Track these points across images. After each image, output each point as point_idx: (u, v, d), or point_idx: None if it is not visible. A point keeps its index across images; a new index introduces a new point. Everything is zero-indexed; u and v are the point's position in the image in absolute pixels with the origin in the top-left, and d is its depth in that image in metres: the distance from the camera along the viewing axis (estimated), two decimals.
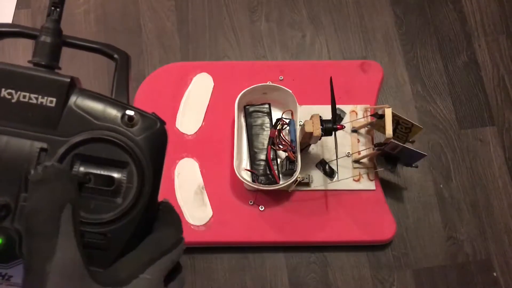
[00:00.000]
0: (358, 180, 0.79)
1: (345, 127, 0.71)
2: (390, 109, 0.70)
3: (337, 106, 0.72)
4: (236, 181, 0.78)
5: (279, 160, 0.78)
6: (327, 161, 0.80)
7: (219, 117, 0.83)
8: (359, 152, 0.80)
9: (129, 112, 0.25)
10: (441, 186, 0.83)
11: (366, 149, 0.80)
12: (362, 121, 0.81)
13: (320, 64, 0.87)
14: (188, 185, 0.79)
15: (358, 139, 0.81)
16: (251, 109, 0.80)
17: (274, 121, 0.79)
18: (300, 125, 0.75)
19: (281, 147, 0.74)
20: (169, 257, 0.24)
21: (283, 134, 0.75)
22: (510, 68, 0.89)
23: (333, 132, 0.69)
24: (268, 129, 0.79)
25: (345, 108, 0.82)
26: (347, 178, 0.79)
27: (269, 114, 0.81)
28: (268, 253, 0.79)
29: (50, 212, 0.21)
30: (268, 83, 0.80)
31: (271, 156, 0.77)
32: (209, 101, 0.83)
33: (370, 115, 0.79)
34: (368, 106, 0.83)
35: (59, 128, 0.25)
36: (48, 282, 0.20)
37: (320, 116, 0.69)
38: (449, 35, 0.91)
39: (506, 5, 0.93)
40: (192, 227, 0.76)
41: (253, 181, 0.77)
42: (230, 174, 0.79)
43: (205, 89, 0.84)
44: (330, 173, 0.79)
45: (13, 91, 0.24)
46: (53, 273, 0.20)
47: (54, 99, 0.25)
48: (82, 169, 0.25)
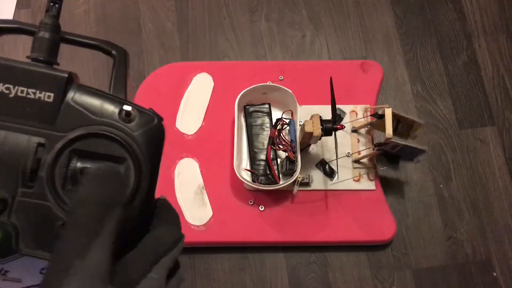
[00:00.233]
0: (358, 180, 0.79)
1: (345, 127, 0.71)
2: (390, 109, 0.70)
3: (337, 106, 0.72)
4: (236, 181, 0.78)
5: (279, 160, 0.78)
6: (327, 161, 0.80)
7: (219, 117, 0.83)
8: (359, 152, 0.80)
9: (127, 107, 0.25)
10: (441, 186, 0.83)
11: (366, 149, 0.80)
12: (362, 121, 0.81)
13: (320, 64, 0.87)
14: (188, 185, 0.79)
15: (358, 139, 0.81)
16: (251, 109, 0.80)
17: (274, 121, 0.79)
18: (300, 125, 0.75)
19: (281, 147, 0.74)
20: (172, 255, 0.24)
21: (283, 134, 0.75)
22: (510, 68, 0.89)
23: (333, 132, 0.69)
24: (268, 129, 0.79)
25: (345, 108, 0.82)
26: (347, 178, 0.79)
27: (269, 114, 0.81)
28: (268, 253, 0.79)
29: (99, 207, 0.21)
30: (268, 83, 0.80)
31: (271, 156, 0.77)
32: (209, 101, 0.83)
33: (370, 115, 0.79)
34: (368, 106, 0.82)
35: (56, 123, 0.25)
36: (72, 280, 0.20)
37: (320, 116, 0.69)
38: (449, 35, 0.91)
39: (506, 5, 0.93)
40: (192, 227, 0.76)
41: (253, 181, 0.77)
42: (230, 174, 0.79)
43: (205, 89, 0.84)
44: (330, 173, 0.79)
45: (11, 86, 0.24)
46: (82, 271, 0.20)
47: (52, 94, 0.25)
48: (79, 164, 0.24)
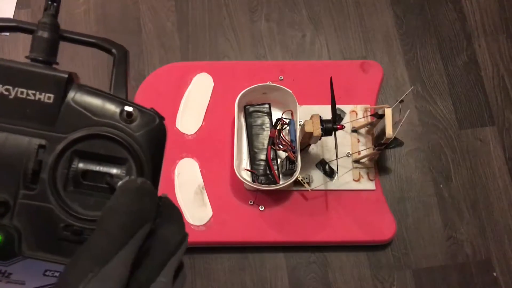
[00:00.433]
0: (358, 180, 0.79)
1: (345, 127, 0.71)
2: (390, 109, 0.70)
3: (337, 106, 0.72)
4: (236, 181, 0.78)
5: (279, 160, 0.78)
6: (327, 161, 0.79)
7: (219, 117, 0.82)
8: (359, 152, 0.80)
9: (128, 108, 0.25)
10: (441, 186, 0.83)
11: (366, 149, 0.80)
12: (362, 121, 0.81)
13: (320, 64, 0.87)
14: (188, 185, 0.79)
15: (358, 139, 0.81)
16: (251, 109, 0.80)
17: (274, 121, 0.79)
18: (300, 125, 0.75)
19: (281, 147, 0.74)
20: (178, 255, 0.24)
21: (283, 134, 0.75)
22: (510, 68, 0.89)
23: (333, 132, 0.69)
24: (268, 129, 0.79)
25: (345, 108, 0.82)
26: (347, 178, 0.79)
27: (269, 114, 0.81)
28: (268, 253, 0.79)
29: (132, 221, 0.21)
30: (268, 83, 0.80)
31: (271, 156, 0.77)
32: (209, 101, 0.83)
33: (370, 115, 0.79)
34: (368, 106, 0.82)
35: (57, 124, 0.25)
36: (89, 283, 0.20)
37: (320, 116, 0.69)
38: (449, 35, 0.91)
39: (506, 5, 0.93)
40: (192, 227, 0.76)
41: (253, 181, 0.77)
42: (230, 174, 0.79)
43: (205, 89, 0.84)
44: (330, 173, 0.79)
45: (11, 87, 0.24)
46: (97, 279, 0.20)
47: (52, 95, 0.24)
48: (81, 165, 0.24)
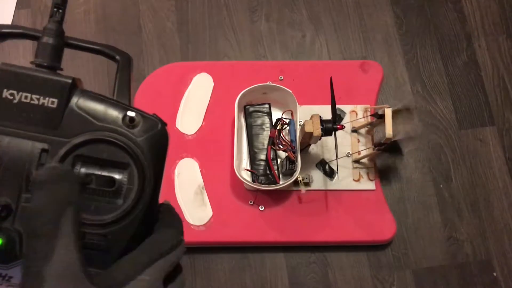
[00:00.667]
0: (358, 180, 0.79)
1: (345, 127, 0.71)
2: (390, 109, 0.70)
3: (337, 106, 0.72)
4: (236, 181, 0.78)
5: (279, 160, 0.78)
6: (327, 161, 0.80)
7: (219, 117, 0.83)
8: (359, 152, 0.80)
9: (131, 113, 0.25)
10: (441, 186, 0.83)
11: (366, 149, 0.80)
12: (362, 121, 0.81)
13: (320, 64, 0.87)
14: (188, 185, 0.79)
15: (358, 139, 0.81)
16: (251, 109, 0.80)
17: (274, 121, 0.79)
18: (300, 125, 0.75)
19: (281, 147, 0.74)
20: (169, 259, 0.24)
21: (283, 134, 0.75)
22: (510, 68, 0.89)
23: (333, 132, 0.69)
24: (268, 129, 0.79)
25: (345, 108, 0.82)
26: (347, 178, 0.79)
27: (269, 114, 0.81)
28: (268, 253, 0.79)
29: (51, 213, 0.21)
30: (268, 83, 0.80)
31: (271, 156, 0.77)
32: (209, 101, 0.83)
33: (370, 115, 0.79)
34: (368, 106, 0.82)
35: (60, 129, 0.25)
36: (45, 284, 0.20)
37: (320, 116, 0.69)
38: (449, 35, 0.91)
39: (506, 5, 0.93)
40: (192, 227, 0.76)
41: (253, 181, 0.77)
42: (230, 174, 0.79)
43: (205, 89, 0.84)
44: (330, 173, 0.79)
45: (15, 92, 0.24)
46: (50, 275, 0.20)
47: (55, 100, 0.25)
48: (83, 170, 0.25)
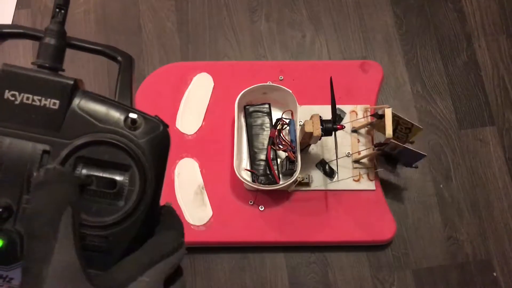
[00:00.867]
0: (358, 180, 0.79)
1: (345, 127, 0.71)
2: (390, 109, 0.70)
3: (337, 106, 0.72)
4: (236, 181, 0.78)
5: (279, 160, 0.78)
6: (327, 161, 0.80)
7: (219, 117, 0.83)
8: (359, 152, 0.80)
9: (132, 115, 0.25)
10: (441, 186, 0.83)
11: (366, 149, 0.80)
12: (362, 121, 0.81)
13: (320, 64, 0.87)
14: (188, 185, 0.79)
15: (358, 139, 0.81)
16: (251, 109, 0.80)
17: (274, 121, 0.79)
18: (300, 125, 0.75)
19: (281, 147, 0.74)
20: (170, 261, 0.24)
21: (283, 134, 0.75)
22: (510, 68, 0.89)
23: (333, 132, 0.69)
24: (268, 129, 0.79)
25: (345, 108, 0.82)
26: (347, 178, 0.79)
27: (269, 114, 0.81)
28: (268, 253, 0.79)
29: (50, 215, 0.21)
30: (268, 83, 0.80)
31: (271, 156, 0.77)
32: (209, 101, 0.83)
33: (370, 115, 0.79)
34: (368, 106, 0.82)
35: (62, 130, 0.25)
36: (44, 285, 0.20)
37: (320, 116, 0.69)
38: (449, 35, 0.91)
39: (506, 5, 0.93)
40: (192, 227, 0.76)
41: (253, 181, 0.77)
42: (230, 174, 0.79)
43: (205, 89, 0.84)
44: (330, 173, 0.79)
45: (17, 93, 0.24)
46: (50, 276, 0.20)
47: (57, 101, 0.25)
48: (84, 171, 0.24)
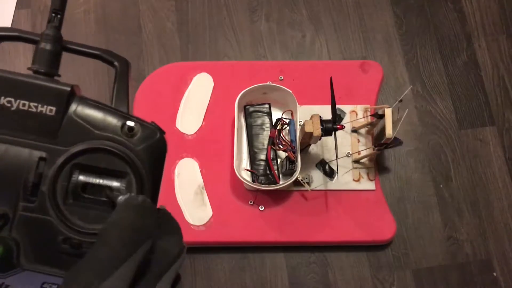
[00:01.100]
0: (358, 180, 0.79)
1: (345, 127, 0.71)
2: (390, 109, 0.70)
3: (337, 106, 0.72)
4: (236, 181, 0.78)
5: (279, 160, 0.78)
6: (327, 161, 0.80)
7: (219, 117, 0.83)
8: (359, 152, 0.80)
9: (130, 122, 0.25)
10: (441, 186, 0.83)
11: (366, 149, 0.80)
12: (362, 121, 0.81)
13: (320, 64, 0.87)
14: (188, 185, 0.79)
15: (358, 139, 0.81)
16: (251, 109, 0.80)
17: (274, 121, 0.79)
18: (300, 125, 0.75)
19: (281, 147, 0.74)
20: (174, 267, 0.24)
21: (283, 134, 0.75)
22: (510, 68, 0.89)
23: (333, 132, 0.69)
24: (268, 129, 0.79)
25: (345, 108, 0.82)
26: (347, 178, 0.79)
27: (269, 114, 0.81)
28: (268, 253, 0.79)
29: (135, 236, 0.21)
30: (268, 83, 0.80)
31: (271, 156, 0.77)
32: (209, 101, 0.83)
33: (370, 115, 0.79)
34: (368, 106, 0.82)
35: (58, 137, 0.25)
36: None
37: (320, 116, 0.69)
38: (449, 35, 0.91)
39: (506, 5, 0.93)
40: (192, 227, 0.76)
41: (253, 181, 0.77)
42: (230, 174, 0.79)
43: (205, 89, 0.84)
44: (330, 173, 0.79)
45: (13, 99, 0.24)
46: None
47: (53, 108, 0.25)
48: (81, 178, 0.24)
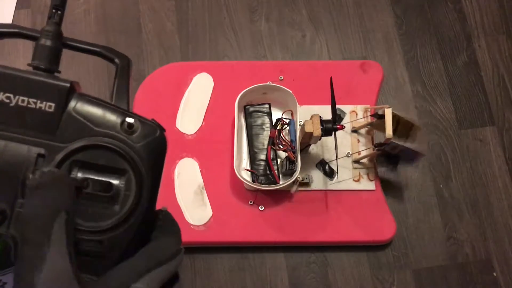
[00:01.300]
0: (358, 180, 0.79)
1: (345, 127, 0.71)
2: (390, 109, 0.70)
3: (337, 106, 0.72)
4: (236, 181, 0.78)
5: (279, 160, 0.78)
6: (327, 161, 0.80)
7: (219, 117, 0.83)
8: (359, 152, 0.80)
9: (129, 119, 0.25)
10: (441, 186, 0.83)
11: (366, 149, 0.80)
12: (362, 121, 0.81)
13: (320, 64, 0.87)
14: (188, 185, 0.79)
15: (358, 139, 0.81)
16: (251, 109, 0.80)
17: (274, 121, 0.79)
18: (300, 125, 0.75)
19: (281, 147, 0.74)
20: (166, 268, 0.23)
21: (283, 134, 0.75)
22: (510, 68, 0.89)
23: (333, 132, 0.69)
24: (268, 129, 0.79)
25: (345, 108, 0.82)
26: (347, 178, 0.79)
27: (269, 114, 0.81)
28: (268, 253, 0.79)
29: (43, 219, 0.21)
30: (268, 83, 0.80)
31: (271, 156, 0.77)
32: (209, 101, 0.83)
33: (370, 115, 0.79)
34: (368, 106, 0.82)
35: (57, 133, 0.24)
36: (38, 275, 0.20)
37: (320, 116, 0.69)
38: (449, 35, 0.91)
39: (506, 5, 0.93)
40: (192, 227, 0.76)
41: (253, 181, 0.77)
42: (230, 174, 0.79)
43: (205, 89, 0.84)
44: (330, 173, 0.79)
45: (12, 95, 0.24)
46: (41, 284, 0.20)
47: (53, 104, 0.24)
48: (80, 175, 0.24)
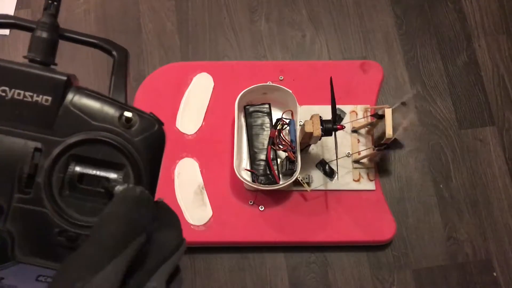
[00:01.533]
0: (358, 180, 0.79)
1: (345, 127, 0.71)
2: (390, 109, 0.70)
3: (337, 106, 0.72)
4: (236, 181, 0.78)
5: (279, 160, 0.78)
6: (327, 161, 0.79)
7: (219, 117, 0.82)
8: (359, 152, 0.80)
9: (127, 113, 0.25)
10: (441, 186, 0.83)
11: (366, 149, 0.80)
12: (362, 121, 0.81)
13: (320, 64, 0.87)
14: (188, 185, 0.79)
15: (358, 139, 0.81)
16: (251, 109, 0.80)
17: (274, 121, 0.79)
18: (300, 125, 0.75)
19: (281, 147, 0.74)
20: (172, 261, 0.23)
21: (283, 134, 0.75)
22: (510, 68, 0.89)
23: (333, 132, 0.69)
24: (268, 129, 0.79)
25: (345, 108, 0.82)
26: (347, 179, 0.79)
27: (269, 114, 0.81)
28: (268, 253, 0.79)
29: (128, 229, 0.21)
30: (268, 83, 0.80)
31: (271, 156, 0.77)
32: (209, 101, 0.83)
33: (370, 115, 0.79)
34: (368, 106, 0.82)
35: (54, 127, 0.24)
36: None
37: (320, 116, 0.69)
38: (449, 35, 0.91)
39: (506, 5, 0.93)
40: (192, 227, 0.76)
41: (253, 181, 0.77)
42: (230, 174, 0.79)
43: (205, 89, 0.84)
44: (330, 173, 0.79)
45: (7, 88, 0.24)
46: (88, 285, 0.20)
47: (49, 98, 0.24)
48: (77, 169, 0.24)
